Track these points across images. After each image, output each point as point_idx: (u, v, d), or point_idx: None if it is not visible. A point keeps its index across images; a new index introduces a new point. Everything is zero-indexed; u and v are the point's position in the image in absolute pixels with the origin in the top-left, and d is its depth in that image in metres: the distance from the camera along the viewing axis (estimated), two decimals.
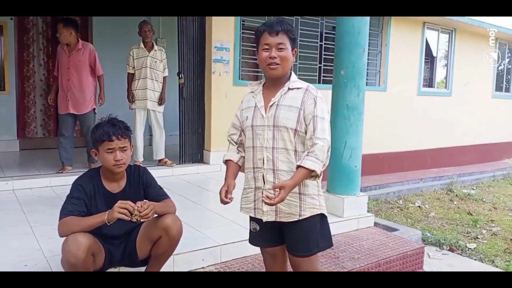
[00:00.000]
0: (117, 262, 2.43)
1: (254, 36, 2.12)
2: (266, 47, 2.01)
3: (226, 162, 2.23)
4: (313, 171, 1.93)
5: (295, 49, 2.07)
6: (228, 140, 2.26)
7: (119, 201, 2.12)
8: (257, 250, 2.33)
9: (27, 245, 2.80)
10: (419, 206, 6.09)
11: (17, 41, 6.18)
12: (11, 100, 6.15)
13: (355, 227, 3.79)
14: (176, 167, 5.32)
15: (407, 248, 3.50)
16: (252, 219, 2.19)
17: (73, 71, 4.75)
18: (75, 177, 4.33)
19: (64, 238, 2.15)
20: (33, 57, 6.39)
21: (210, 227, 3.33)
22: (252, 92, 2.17)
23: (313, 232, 2.07)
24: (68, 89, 4.76)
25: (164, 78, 5.35)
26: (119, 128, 2.26)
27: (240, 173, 2.19)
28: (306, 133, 2.01)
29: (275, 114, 2.03)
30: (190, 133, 5.55)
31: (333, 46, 6.68)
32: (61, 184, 4.34)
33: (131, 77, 5.28)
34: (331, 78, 6.86)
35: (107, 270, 2.40)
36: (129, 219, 2.11)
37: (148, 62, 5.17)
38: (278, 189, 1.90)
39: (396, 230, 4.10)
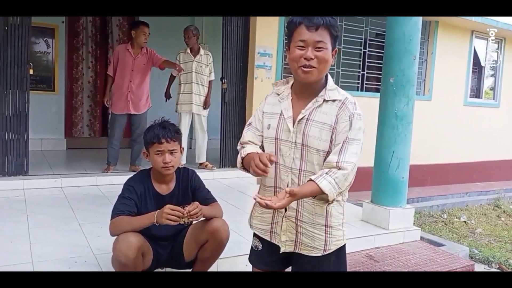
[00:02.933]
0: (164, 263, 2.45)
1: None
2: (302, 44, 1.62)
3: (247, 156, 1.74)
4: (325, 194, 1.58)
5: (336, 49, 1.69)
6: (243, 145, 1.82)
7: (168, 206, 2.12)
8: None
9: (77, 242, 2.87)
10: (465, 221, 5.85)
11: (67, 44, 6.43)
12: (60, 101, 6.40)
13: (400, 241, 3.66)
14: (216, 171, 5.35)
15: (457, 265, 3.36)
16: (256, 235, 1.91)
17: (137, 74, 4.92)
18: (120, 177, 4.46)
19: (115, 237, 2.18)
20: (82, 60, 6.62)
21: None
22: (278, 94, 1.79)
23: (327, 267, 1.79)
24: (129, 90, 4.89)
25: (210, 82, 5.41)
26: (169, 131, 2.29)
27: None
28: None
29: (305, 131, 1.68)
30: (230, 138, 5.57)
31: (377, 54, 6.67)
32: (106, 183, 4.46)
33: (172, 79, 5.47)
34: (374, 86, 6.87)
35: (154, 271, 2.43)
36: (177, 223, 2.13)
37: (193, 67, 5.25)
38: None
39: (442, 245, 3.95)
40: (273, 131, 1.74)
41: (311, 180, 1.60)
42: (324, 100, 1.69)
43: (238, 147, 1.86)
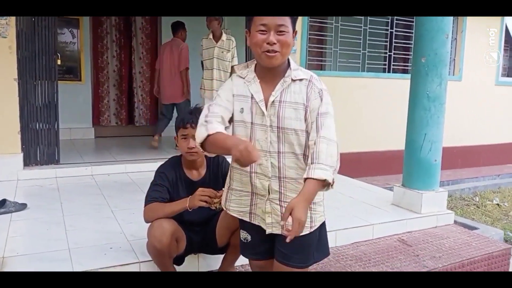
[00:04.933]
0: (197, 249, 2.47)
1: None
2: (263, 28, 1.60)
3: (216, 134, 1.64)
4: (324, 180, 1.58)
5: (296, 30, 1.69)
6: (208, 121, 1.68)
7: (200, 189, 2.15)
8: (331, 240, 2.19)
9: (111, 228, 2.91)
10: (498, 204, 5.70)
11: (92, 34, 6.49)
12: (86, 90, 6.49)
13: (433, 225, 3.58)
14: None
15: (493, 249, 3.26)
16: (242, 227, 1.93)
17: None
18: (148, 165, 4.51)
19: (149, 224, 2.20)
20: (107, 49, 6.67)
21: None
22: (243, 78, 1.74)
23: (312, 243, 1.82)
24: None
25: (232, 67, 5.38)
26: (194, 117, 2.26)
27: None
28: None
29: (279, 113, 1.67)
30: None
31: (404, 33, 6.48)
32: (136, 170, 4.53)
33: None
34: (401, 67, 6.69)
35: (187, 256, 2.45)
36: (209, 206, 2.13)
37: (215, 52, 5.23)
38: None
39: (475, 228, 3.86)
40: (248, 116, 1.71)
41: (306, 179, 1.60)
42: (292, 80, 1.69)
43: (201, 120, 1.71)
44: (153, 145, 5.51)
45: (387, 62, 6.46)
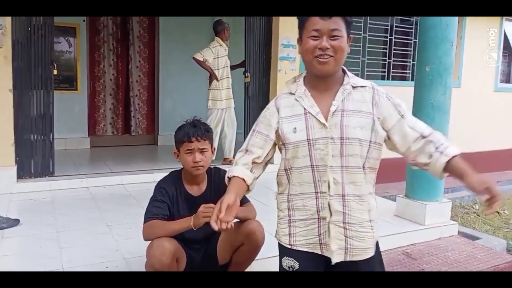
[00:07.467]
0: (198, 267, 2.37)
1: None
2: (315, 33, 1.53)
3: (233, 178, 1.67)
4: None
5: (350, 36, 1.60)
6: (243, 153, 1.71)
7: (203, 206, 2.05)
8: None
9: (106, 245, 2.82)
10: (498, 212, 5.63)
11: (88, 42, 6.40)
12: (82, 99, 6.39)
13: (437, 236, 3.51)
14: None
15: (499, 261, 3.20)
16: (287, 253, 1.67)
17: None
18: (144, 176, 4.40)
19: (148, 242, 2.11)
20: (104, 58, 6.58)
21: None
22: (293, 94, 1.64)
23: (376, 264, 1.70)
24: None
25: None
26: (199, 130, 2.21)
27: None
28: (380, 145, 1.62)
29: (342, 123, 1.55)
30: None
31: (403, 41, 6.44)
32: (132, 182, 4.42)
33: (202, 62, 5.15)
34: (401, 74, 6.64)
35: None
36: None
37: (227, 61, 5.24)
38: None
39: (478, 238, 3.79)
40: (303, 133, 1.59)
41: (452, 157, 1.60)
42: (353, 87, 1.61)
43: (238, 156, 1.73)
44: None
45: (386, 69, 6.42)
